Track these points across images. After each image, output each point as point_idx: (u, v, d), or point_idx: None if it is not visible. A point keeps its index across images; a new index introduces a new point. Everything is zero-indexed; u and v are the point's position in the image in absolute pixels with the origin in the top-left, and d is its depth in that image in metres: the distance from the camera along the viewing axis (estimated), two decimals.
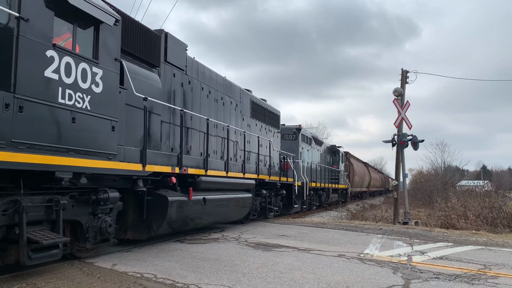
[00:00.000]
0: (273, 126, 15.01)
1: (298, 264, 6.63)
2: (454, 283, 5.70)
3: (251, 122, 12.91)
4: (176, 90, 8.83)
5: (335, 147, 27.81)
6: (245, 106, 12.44)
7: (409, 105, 17.20)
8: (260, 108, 13.84)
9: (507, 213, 17.65)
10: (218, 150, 10.56)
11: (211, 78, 10.45)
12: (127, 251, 7.46)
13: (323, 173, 23.07)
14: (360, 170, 38.35)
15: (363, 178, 39.64)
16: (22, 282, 5.12)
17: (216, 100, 10.71)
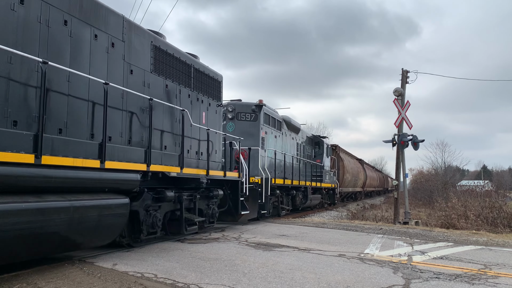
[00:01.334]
0: (208, 95, 10.22)
1: (299, 264, 6.63)
2: (454, 283, 5.70)
3: (155, 80, 8.17)
4: None
5: (318, 137, 23.62)
6: (137, 52, 7.67)
7: (409, 105, 17.21)
8: (176, 62, 8.95)
9: (507, 213, 17.63)
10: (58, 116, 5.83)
11: None
12: (128, 251, 7.47)
13: (300, 168, 18.50)
14: (353, 167, 33.85)
15: (356, 177, 35.11)
16: (22, 282, 5.12)
17: None
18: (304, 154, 20.29)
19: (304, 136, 20.90)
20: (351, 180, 32.88)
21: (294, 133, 18.55)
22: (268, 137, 15.13)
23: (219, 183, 10.55)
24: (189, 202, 9.14)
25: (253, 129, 14.33)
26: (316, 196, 20.90)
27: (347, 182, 31.24)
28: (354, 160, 38.23)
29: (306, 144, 20.92)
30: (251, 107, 14.56)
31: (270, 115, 15.69)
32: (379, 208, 31.76)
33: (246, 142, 12.99)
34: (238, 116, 14.38)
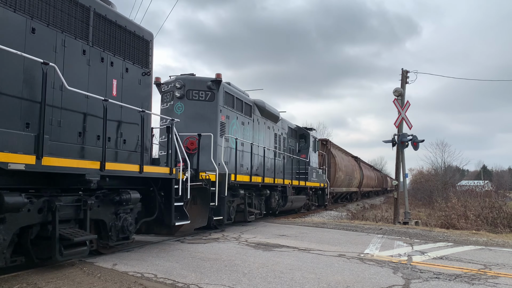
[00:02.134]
0: (123, 57, 7.44)
1: (299, 264, 6.63)
2: (454, 283, 5.70)
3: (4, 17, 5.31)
4: None
5: (304, 129, 19.94)
6: None
7: (409, 105, 17.21)
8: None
9: (507, 213, 17.63)
10: None
11: None
12: (128, 251, 7.47)
13: (277, 164, 15.55)
14: (347, 165, 30.32)
15: (351, 175, 31.68)
16: (22, 282, 5.12)
17: None
18: (285, 148, 17.20)
19: (285, 126, 17.53)
20: (345, 179, 29.29)
21: (271, 122, 15.37)
22: (230, 122, 11.96)
23: (143, 182, 7.62)
24: (74, 212, 6.17)
25: (209, 111, 11.15)
26: (299, 197, 17.78)
27: (340, 181, 27.93)
28: (349, 158, 34.81)
29: (288, 136, 17.73)
30: (207, 83, 11.23)
31: (234, 95, 12.45)
32: (379, 208, 31.74)
33: (199, 128, 10.52)
34: (189, 94, 11.18)
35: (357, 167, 35.59)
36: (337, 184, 27.11)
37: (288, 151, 17.47)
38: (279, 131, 16.52)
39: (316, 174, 20.30)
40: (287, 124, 17.87)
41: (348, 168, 30.48)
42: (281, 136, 16.81)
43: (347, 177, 30.14)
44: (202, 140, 10.28)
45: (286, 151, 17.19)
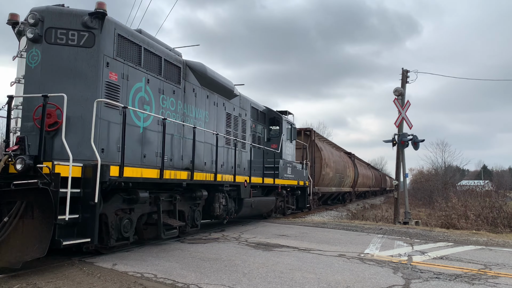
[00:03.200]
0: None
1: (299, 264, 6.63)
2: (454, 283, 5.70)
3: None
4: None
5: (276, 112, 15.55)
6: None
7: (409, 104, 17.20)
8: None
9: (507, 213, 17.63)
10: None
11: None
12: (128, 251, 7.47)
13: (230, 155, 11.70)
14: (337, 161, 25.89)
15: (343, 173, 27.37)
16: (22, 282, 5.12)
17: None
18: (247, 134, 13.03)
19: (247, 106, 13.18)
20: (334, 178, 24.98)
21: (220, 97, 11.18)
22: (132, 86, 7.75)
23: None
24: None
25: (84, 63, 6.95)
26: (264, 200, 13.46)
27: (328, 179, 23.62)
28: (341, 153, 30.52)
29: (252, 120, 13.53)
30: (82, 19, 6.98)
31: (141, 45, 8.10)
32: (379, 208, 31.75)
33: (67, 90, 6.56)
34: (50, 35, 6.87)
35: (350, 164, 31.05)
36: (324, 182, 22.89)
37: (252, 139, 13.42)
38: (236, 111, 12.24)
39: (292, 169, 15.90)
40: (249, 104, 13.40)
41: (338, 165, 26.15)
42: (239, 118, 12.46)
43: (337, 175, 25.92)
44: (72, 109, 6.44)
45: (249, 138, 13.13)
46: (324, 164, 22.66)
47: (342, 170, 27.44)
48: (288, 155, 16.19)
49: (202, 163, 10.04)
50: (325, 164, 22.73)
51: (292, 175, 15.90)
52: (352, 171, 31.28)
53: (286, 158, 15.62)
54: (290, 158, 16.32)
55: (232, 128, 11.99)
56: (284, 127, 15.62)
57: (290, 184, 15.64)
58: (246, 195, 11.72)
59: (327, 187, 24.30)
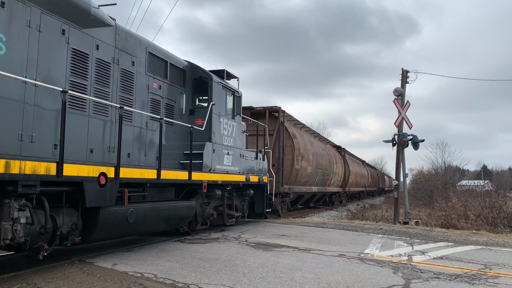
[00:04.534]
0: None
1: (299, 264, 6.62)
2: (454, 283, 5.70)
3: None
4: None
5: (204, 71, 10.37)
6: None
7: (409, 105, 17.21)
8: None
9: (507, 213, 17.64)
10: None
11: None
12: (128, 251, 7.47)
13: (79, 128, 6.56)
14: (319, 154, 20.78)
15: (327, 169, 22.52)
16: (22, 282, 5.12)
17: None
18: (133, 94, 8.00)
19: (137, 49, 8.25)
20: (314, 174, 19.91)
21: (51, 15, 6.13)
22: None
23: None
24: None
25: None
26: (163, 208, 8.14)
27: (305, 176, 18.50)
28: (326, 145, 25.36)
29: (148, 74, 8.54)
30: None
31: None
32: (379, 208, 31.75)
33: None
34: None
35: (339, 160, 25.99)
36: (299, 180, 17.79)
37: (152, 107, 8.58)
38: (105, 53, 7.25)
39: (234, 159, 11.21)
40: (144, 48, 8.43)
41: (321, 158, 21.16)
42: (115, 66, 7.48)
43: (320, 172, 20.90)
44: None
45: (143, 105, 8.29)
46: (298, 156, 17.06)
47: (327, 165, 22.48)
48: (226, 137, 10.81)
49: None
50: (299, 156, 17.07)
51: (234, 167, 11.08)
52: (341, 168, 26.16)
53: (220, 141, 10.44)
54: (230, 142, 10.98)
55: (92, 80, 6.87)
56: (217, 93, 10.26)
57: (230, 180, 10.74)
58: (106, 200, 6.43)
59: (304, 186, 19.06)
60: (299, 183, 18.40)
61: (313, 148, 20.15)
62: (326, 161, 22.68)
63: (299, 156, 17.61)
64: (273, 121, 16.68)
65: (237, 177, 11.23)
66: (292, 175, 17.20)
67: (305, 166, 18.55)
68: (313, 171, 19.92)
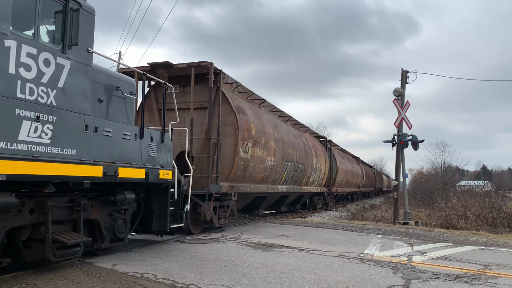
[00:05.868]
0: None
1: (298, 264, 6.63)
2: (454, 283, 5.70)
3: None
4: None
5: None
6: None
7: (409, 105, 17.22)
8: None
9: (507, 213, 17.63)
10: None
11: None
12: (127, 251, 7.47)
13: None
14: (289, 141, 15.76)
15: (302, 163, 17.26)
16: (22, 282, 5.12)
17: None
18: None
19: None
20: (281, 168, 14.77)
21: None
22: None
23: None
24: None
25: None
26: None
27: (261, 171, 13.14)
28: (303, 134, 19.67)
29: None
30: None
31: None
32: (378, 209, 31.76)
33: None
34: None
35: (321, 152, 20.67)
36: (249, 176, 12.33)
37: None
38: None
39: (63, 130, 5.64)
40: None
41: (291, 148, 15.78)
42: None
43: (289, 165, 15.52)
44: None
45: None
46: (246, 140, 11.58)
47: (302, 158, 17.03)
48: (32, 84, 5.27)
49: None
50: (248, 140, 11.65)
51: (63, 147, 5.65)
52: (324, 163, 21.03)
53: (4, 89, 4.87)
54: (47, 98, 5.46)
55: None
56: None
57: (34, 174, 5.16)
58: None
59: (263, 184, 13.59)
60: (252, 180, 12.62)
61: (277, 132, 14.45)
62: (301, 152, 17.01)
63: (248, 141, 11.64)
64: (205, 86, 10.89)
65: (68, 168, 5.65)
66: (237, 167, 11.20)
67: (261, 155, 12.73)
68: (278, 163, 14.28)
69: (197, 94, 10.95)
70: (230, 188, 11.11)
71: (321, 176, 21.29)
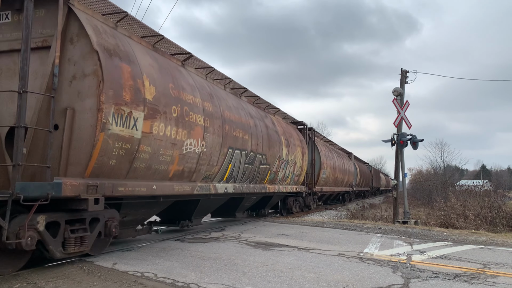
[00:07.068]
0: None
1: (298, 263, 6.64)
2: (453, 282, 5.72)
3: None
4: None
5: None
6: None
7: (408, 104, 17.24)
8: None
9: (506, 212, 17.67)
10: None
11: None
12: (128, 250, 7.48)
13: None
14: (240, 123, 10.91)
15: (264, 154, 12.44)
16: (22, 281, 5.13)
17: None
18: None
19: None
20: (219, 158, 9.67)
21: None
22: None
23: None
24: None
25: None
26: None
27: (162, 162, 7.55)
28: (264, 112, 14.17)
29: None
30: None
31: None
32: (378, 208, 31.80)
33: None
34: None
35: (297, 142, 16.16)
36: (141, 169, 7.05)
37: None
38: None
39: None
40: None
41: (240, 129, 10.87)
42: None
43: (237, 155, 10.68)
44: None
45: None
46: (128, 105, 6.52)
47: (262, 146, 12.29)
48: None
49: None
50: (132, 105, 6.61)
51: None
52: (301, 156, 16.59)
53: None
54: None
55: None
56: None
57: None
58: None
59: (178, 181, 8.36)
60: (155, 176, 7.58)
61: (212, 104, 9.49)
62: (261, 138, 12.28)
63: (136, 107, 6.73)
64: (52, 11, 6.18)
65: None
66: (104, 152, 6.24)
67: (173, 135, 7.74)
68: (214, 151, 9.38)
69: (38, 25, 6.09)
70: (90, 189, 6.00)
71: (297, 172, 16.35)
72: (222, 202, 11.88)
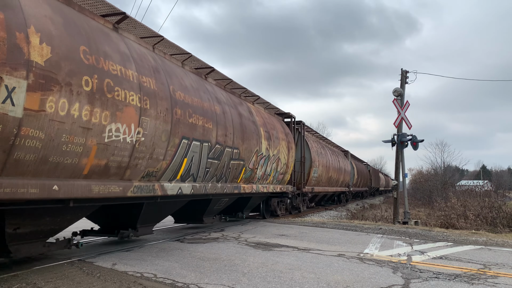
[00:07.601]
0: None
1: (298, 264, 6.63)
2: (453, 282, 5.71)
3: None
4: None
5: None
6: None
7: (408, 105, 17.23)
8: None
9: (506, 212, 17.67)
10: None
11: None
12: (127, 251, 7.47)
13: None
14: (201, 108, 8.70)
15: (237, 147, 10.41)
16: (22, 282, 5.12)
17: None
18: None
19: None
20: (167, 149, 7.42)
21: None
22: None
23: None
24: None
25: None
26: None
27: (69, 153, 5.30)
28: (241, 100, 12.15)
29: None
30: None
31: None
32: (378, 208, 31.79)
33: None
34: None
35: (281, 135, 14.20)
36: (28, 162, 4.82)
37: None
38: None
39: None
40: None
41: (200, 114, 8.56)
42: None
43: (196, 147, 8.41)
44: None
45: None
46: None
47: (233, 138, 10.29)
48: None
49: None
50: (10, 73, 4.41)
51: None
52: (287, 151, 14.68)
53: None
54: None
55: None
56: None
57: None
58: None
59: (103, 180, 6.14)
60: (57, 171, 5.32)
61: (157, 81, 7.38)
62: (231, 128, 10.31)
63: (14, 67, 4.52)
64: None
65: None
66: None
67: (87, 118, 5.53)
68: (158, 141, 7.19)
69: None
70: None
71: (281, 170, 14.43)
72: (180, 206, 9.55)
